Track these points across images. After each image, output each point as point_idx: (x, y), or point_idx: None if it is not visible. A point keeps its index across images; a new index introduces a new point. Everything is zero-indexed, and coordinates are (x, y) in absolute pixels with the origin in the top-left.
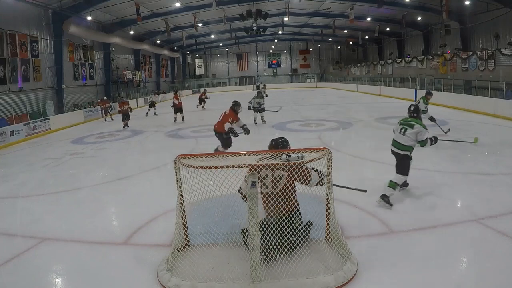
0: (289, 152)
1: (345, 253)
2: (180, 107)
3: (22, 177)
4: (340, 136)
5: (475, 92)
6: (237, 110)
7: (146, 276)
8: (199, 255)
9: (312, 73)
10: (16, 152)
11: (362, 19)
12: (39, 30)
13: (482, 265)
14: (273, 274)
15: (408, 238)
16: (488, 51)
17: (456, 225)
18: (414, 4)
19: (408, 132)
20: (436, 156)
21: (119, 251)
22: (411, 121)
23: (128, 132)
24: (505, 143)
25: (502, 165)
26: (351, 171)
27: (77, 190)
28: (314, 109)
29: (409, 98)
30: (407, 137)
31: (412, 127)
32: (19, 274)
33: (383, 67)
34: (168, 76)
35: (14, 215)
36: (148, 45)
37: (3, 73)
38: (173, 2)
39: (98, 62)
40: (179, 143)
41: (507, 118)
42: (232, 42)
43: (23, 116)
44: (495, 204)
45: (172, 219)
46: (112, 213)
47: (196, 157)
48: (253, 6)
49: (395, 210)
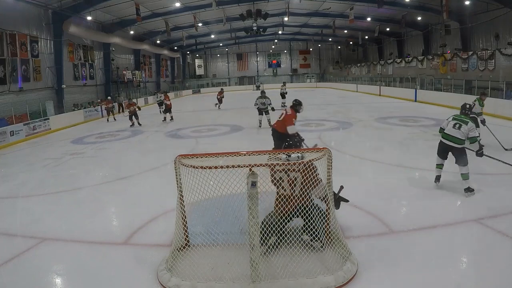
0: (289, 152)
1: (345, 253)
2: (170, 108)
3: (22, 177)
4: (340, 136)
5: (475, 92)
6: (299, 110)
7: (146, 276)
8: (199, 255)
9: (312, 73)
10: (16, 152)
11: (362, 19)
12: (39, 30)
13: (482, 265)
14: (273, 274)
15: (408, 238)
16: (488, 51)
17: (456, 225)
18: (414, 4)
19: (463, 128)
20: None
21: (119, 251)
22: (465, 118)
23: (128, 132)
24: (505, 143)
25: (502, 165)
26: (351, 171)
27: (77, 190)
28: (314, 109)
29: (409, 98)
30: (462, 132)
31: (467, 124)
32: (19, 274)
33: (383, 67)
34: (168, 76)
35: (14, 215)
36: (148, 45)
37: (3, 73)
38: (173, 2)
39: (98, 62)
40: (179, 143)
41: (507, 118)
42: (232, 42)
43: (23, 116)
44: (495, 204)
45: (172, 219)
46: (112, 213)
47: (196, 157)
48: (253, 6)
49: (395, 210)
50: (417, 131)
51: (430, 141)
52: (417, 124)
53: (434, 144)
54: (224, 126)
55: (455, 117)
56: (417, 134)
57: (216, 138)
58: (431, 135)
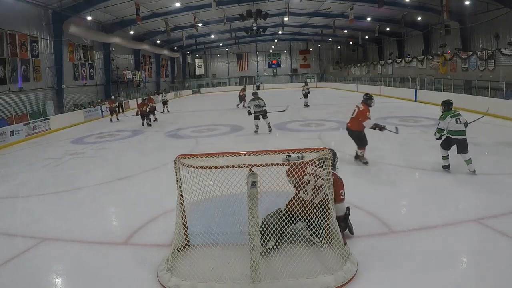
0: (289, 152)
1: (345, 253)
2: (154, 110)
3: (22, 177)
4: (340, 136)
5: (475, 92)
6: (371, 104)
7: (146, 276)
8: (199, 255)
9: (312, 73)
10: (16, 152)
11: (362, 19)
12: (39, 30)
13: (482, 265)
14: (273, 274)
15: (408, 238)
16: (488, 51)
17: (456, 225)
18: (414, 4)
19: (462, 118)
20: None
21: (119, 251)
22: (456, 111)
23: (128, 132)
24: (505, 143)
25: (502, 165)
26: (351, 171)
27: (77, 190)
28: (314, 109)
29: (409, 98)
30: (463, 123)
31: (460, 115)
32: (19, 274)
33: (383, 67)
34: (168, 76)
35: (14, 215)
36: (148, 45)
37: (3, 73)
38: (173, 2)
39: (98, 62)
40: (179, 143)
41: (507, 118)
42: (232, 42)
43: (23, 116)
44: (495, 204)
45: (172, 219)
46: (112, 213)
47: (196, 157)
48: (253, 6)
49: (395, 210)
50: (417, 131)
51: (430, 141)
52: (417, 124)
53: (434, 144)
54: (224, 126)
55: (452, 115)
56: (417, 134)
57: (216, 138)
58: (431, 135)
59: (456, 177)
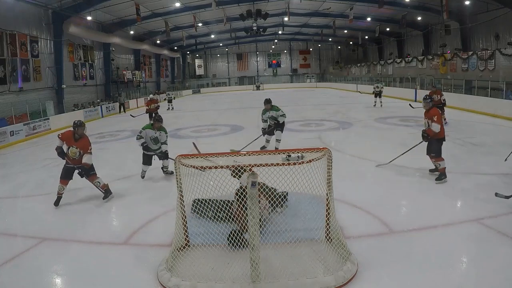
0: (289, 152)
1: (345, 253)
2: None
3: (22, 177)
4: (340, 136)
5: (475, 92)
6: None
7: (146, 276)
8: (199, 255)
9: (312, 73)
10: (16, 152)
11: (362, 19)
12: (39, 30)
13: (482, 265)
14: (273, 274)
15: (408, 238)
16: (488, 51)
17: (456, 225)
18: (414, 4)
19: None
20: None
21: (119, 251)
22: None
23: (128, 132)
24: (505, 143)
25: (502, 165)
26: (351, 171)
27: (77, 190)
28: (314, 109)
29: (409, 98)
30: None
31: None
32: (19, 274)
33: (383, 67)
34: (168, 76)
35: (14, 215)
36: (148, 45)
37: (3, 73)
38: (173, 2)
39: (98, 62)
40: (179, 143)
41: (507, 118)
42: (232, 42)
43: (23, 116)
44: (495, 204)
45: (172, 219)
46: (112, 213)
47: (196, 157)
48: (253, 6)
49: (395, 210)
50: (417, 131)
51: None
52: (417, 124)
53: None
54: (224, 126)
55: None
56: (417, 134)
57: (216, 138)
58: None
59: (456, 177)
